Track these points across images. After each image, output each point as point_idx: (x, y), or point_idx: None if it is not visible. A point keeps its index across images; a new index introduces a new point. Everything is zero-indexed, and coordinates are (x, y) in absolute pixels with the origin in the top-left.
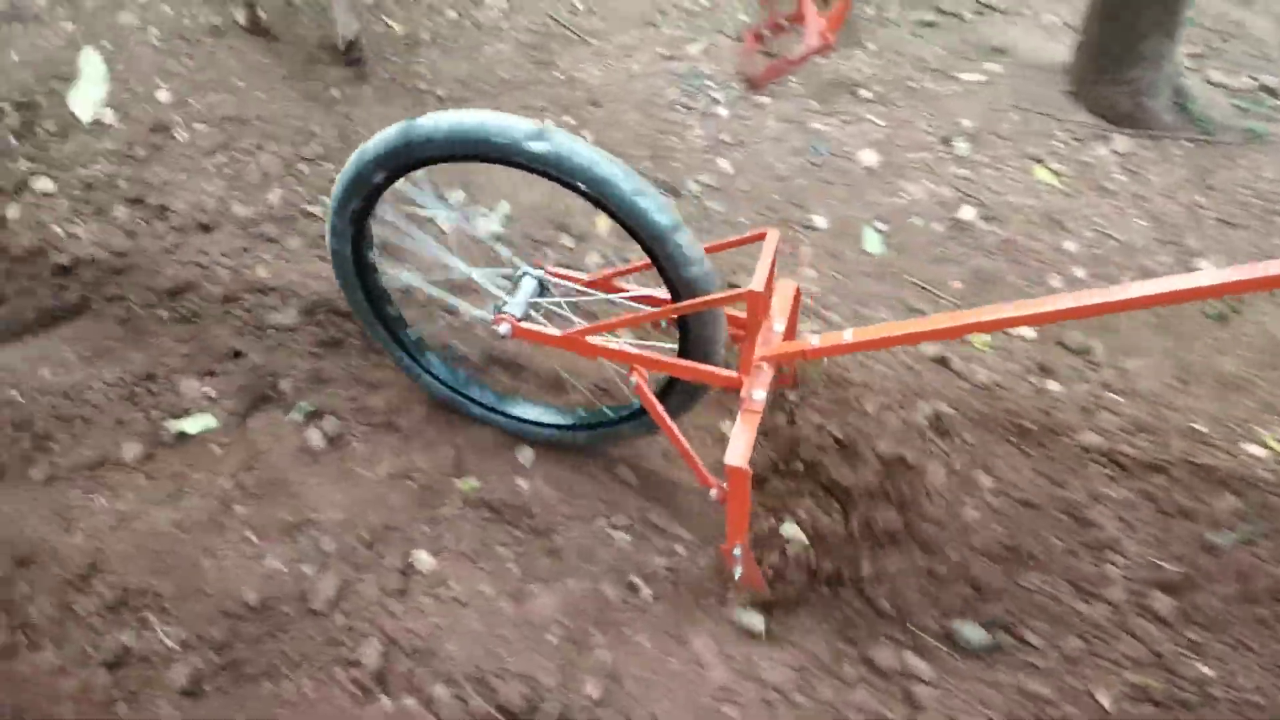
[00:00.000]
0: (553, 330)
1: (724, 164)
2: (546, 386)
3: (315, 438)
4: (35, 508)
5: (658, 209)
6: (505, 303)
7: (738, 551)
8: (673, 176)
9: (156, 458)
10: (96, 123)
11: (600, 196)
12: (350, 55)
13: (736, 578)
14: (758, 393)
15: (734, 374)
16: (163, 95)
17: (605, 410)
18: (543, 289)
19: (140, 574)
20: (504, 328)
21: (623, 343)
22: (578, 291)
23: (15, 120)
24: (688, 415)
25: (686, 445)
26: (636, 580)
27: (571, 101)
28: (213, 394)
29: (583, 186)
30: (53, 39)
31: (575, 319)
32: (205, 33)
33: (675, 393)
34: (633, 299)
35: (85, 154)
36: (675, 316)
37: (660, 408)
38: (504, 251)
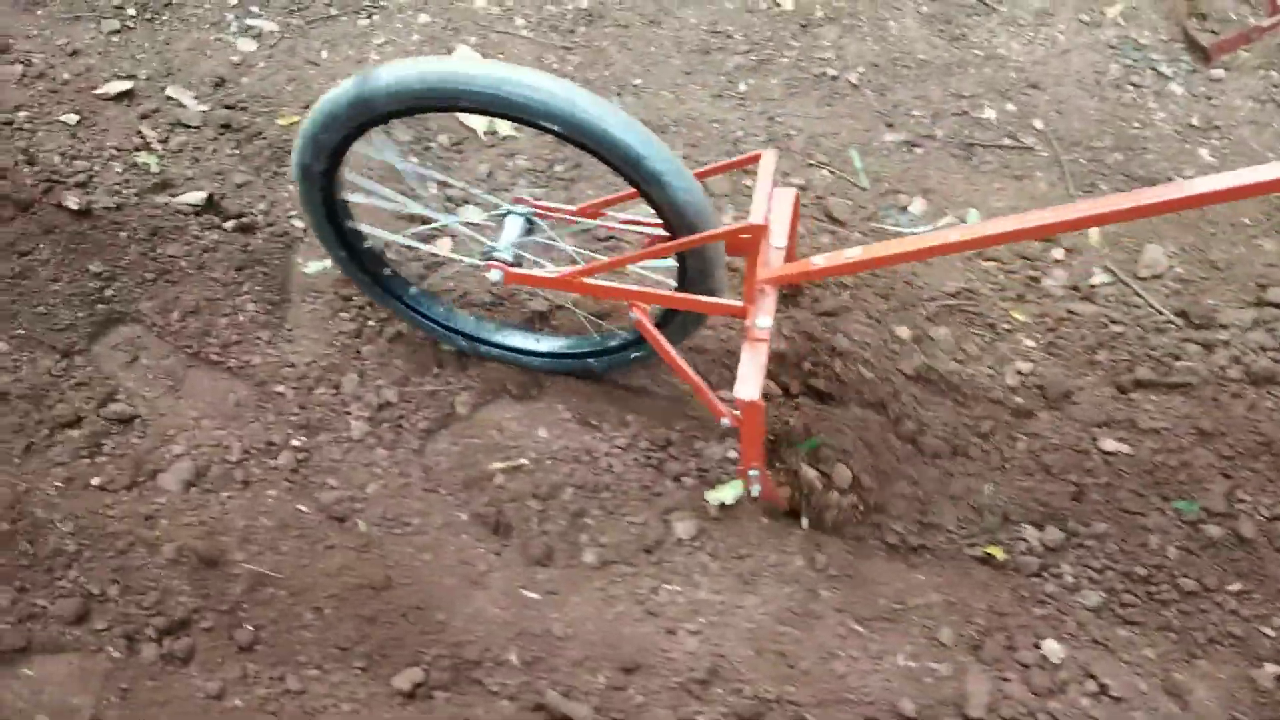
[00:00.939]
0: (548, 273)
1: (1204, 153)
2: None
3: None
4: (611, 603)
5: (640, 141)
6: (493, 248)
7: (754, 472)
8: (1150, 170)
9: (709, 533)
10: (492, 133)
11: (575, 135)
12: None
13: (754, 495)
14: (762, 319)
15: (737, 303)
16: None
17: (614, 336)
18: (530, 226)
19: (767, 679)
20: (495, 274)
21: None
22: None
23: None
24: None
25: (694, 375)
26: None
27: (1005, 85)
28: (733, 455)
29: (556, 128)
30: (411, 34)
31: (571, 251)
32: (580, 19)
33: (677, 320)
34: (627, 225)
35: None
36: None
37: (663, 340)
38: (480, 192)
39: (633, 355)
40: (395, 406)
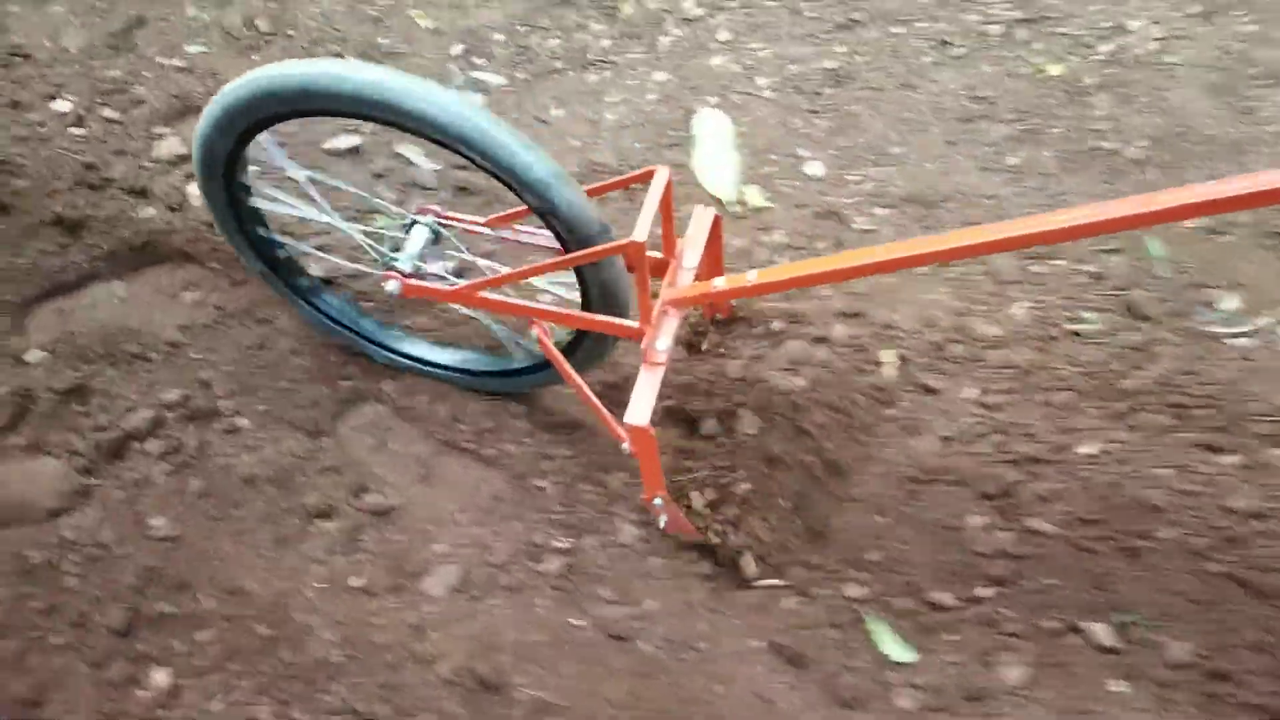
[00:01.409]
0: (445, 285)
1: None
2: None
3: None
4: None
5: (529, 160)
6: (393, 257)
7: (658, 501)
8: None
9: (1042, 681)
10: (741, 202)
11: (458, 147)
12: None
13: (662, 526)
14: (661, 342)
15: (633, 324)
16: (813, 168)
17: (514, 357)
18: (436, 237)
19: None
20: (392, 285)
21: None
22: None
23: None
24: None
25: (593, 398)
26: None
27: None
28: None
29: (439, 138)
30: (646, 93)
31: (479, 264)
32: (826, 80)
33: (586, 343)
34: (528, 240)
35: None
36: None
37: (563, 360)
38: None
39: (539, 377)
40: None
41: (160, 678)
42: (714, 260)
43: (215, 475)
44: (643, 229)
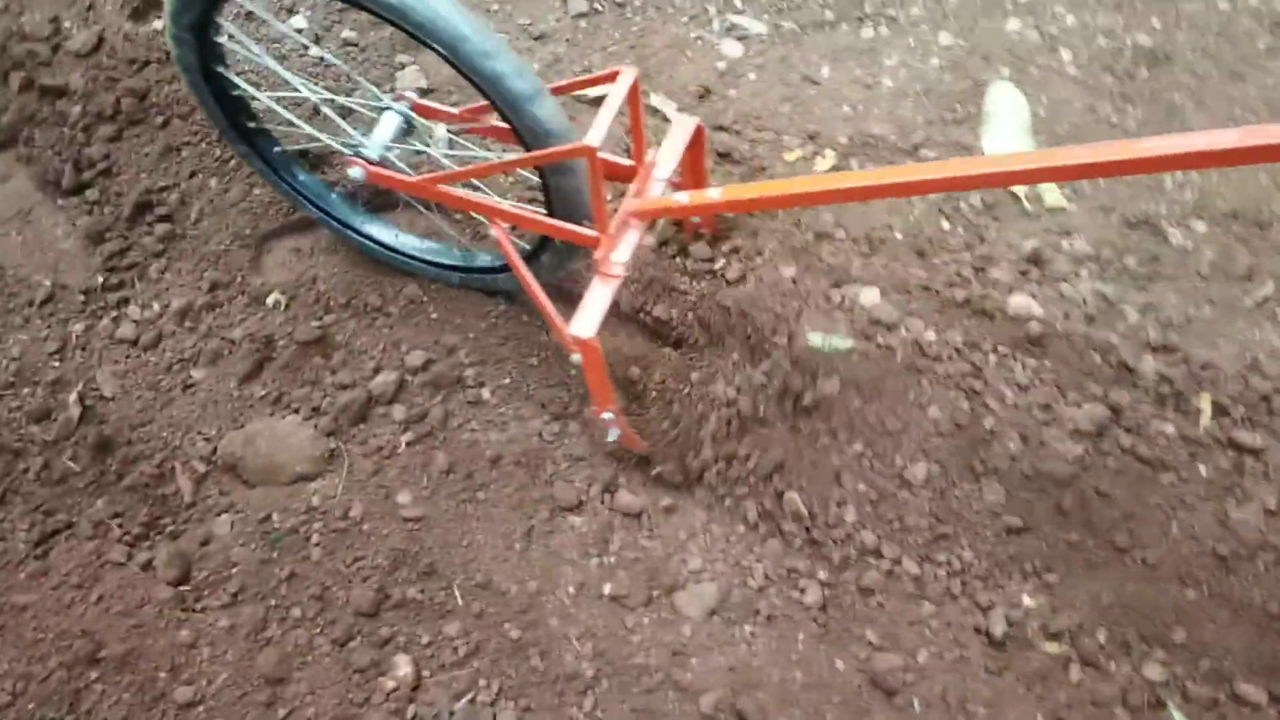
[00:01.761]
0: (408, 175)
1: None
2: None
3: None
4: None
5: (485, 48)
6: (360, 143)
7: (607, 415)
8: None
9: None
10: (1033, 200)
11: (421, 36)
12: None
13: (612, 439)
14: (618, 254)
15: (590, 232)
16: None
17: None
18: (409, 125)
19: None
20: (356, 171)
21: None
22: (446, 128)
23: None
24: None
25: (548, 305)
26: None
27: None
28: None
29: (401, 23)
30: (929, 57)
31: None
32: (1140, 59)
33: (550, 249)
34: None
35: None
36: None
37: (521, 264)
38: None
39: (499, 279)
40: (949, 546)
41: (404, 667)
42: (697, 172)
43: (461, 451)
44: (598, 132)
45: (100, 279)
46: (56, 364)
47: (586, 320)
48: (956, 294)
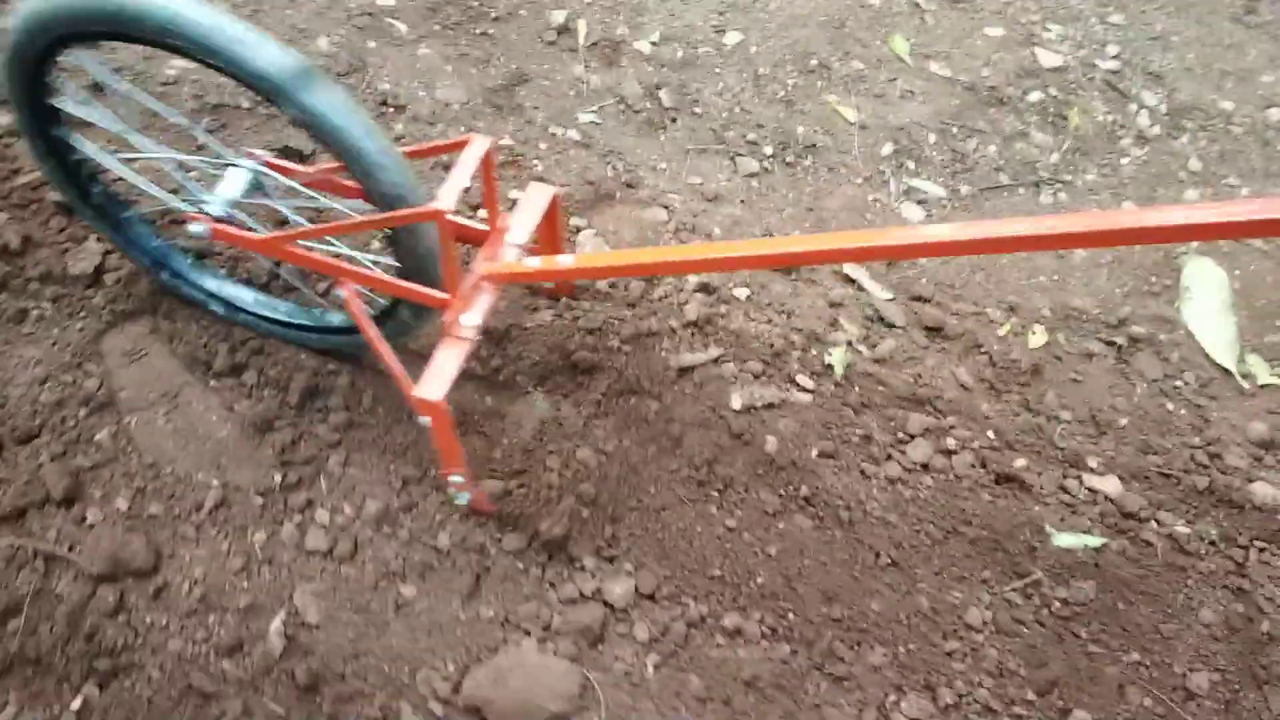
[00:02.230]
0: (256, 233)
1: None
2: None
3: None
4: None
5: (336, 109)
6: (203, 199)
7: (456, 478)
8: None
9: None
10: (1246, 376)
11: (276, 99)
12: None
13: (461, 504)
14: (468, 317)
15: (439, 294)
16: None
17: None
18: (258, 182)
19: None
20: (198, 227)
21: (333, 251)
22: (294, 190)
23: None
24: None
25: (397, 367)
26: None
27: None
28: None
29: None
30: None
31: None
32: None
33: (400, 311)
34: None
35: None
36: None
37: (369, 324)
38: (209, 138)
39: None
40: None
41: None
42: (552, 238)
43: (712, 673)
44: (448, 197)
45: (277, 477)
46: (245, 584)
47: (434, 383)
48: (1198, 481)
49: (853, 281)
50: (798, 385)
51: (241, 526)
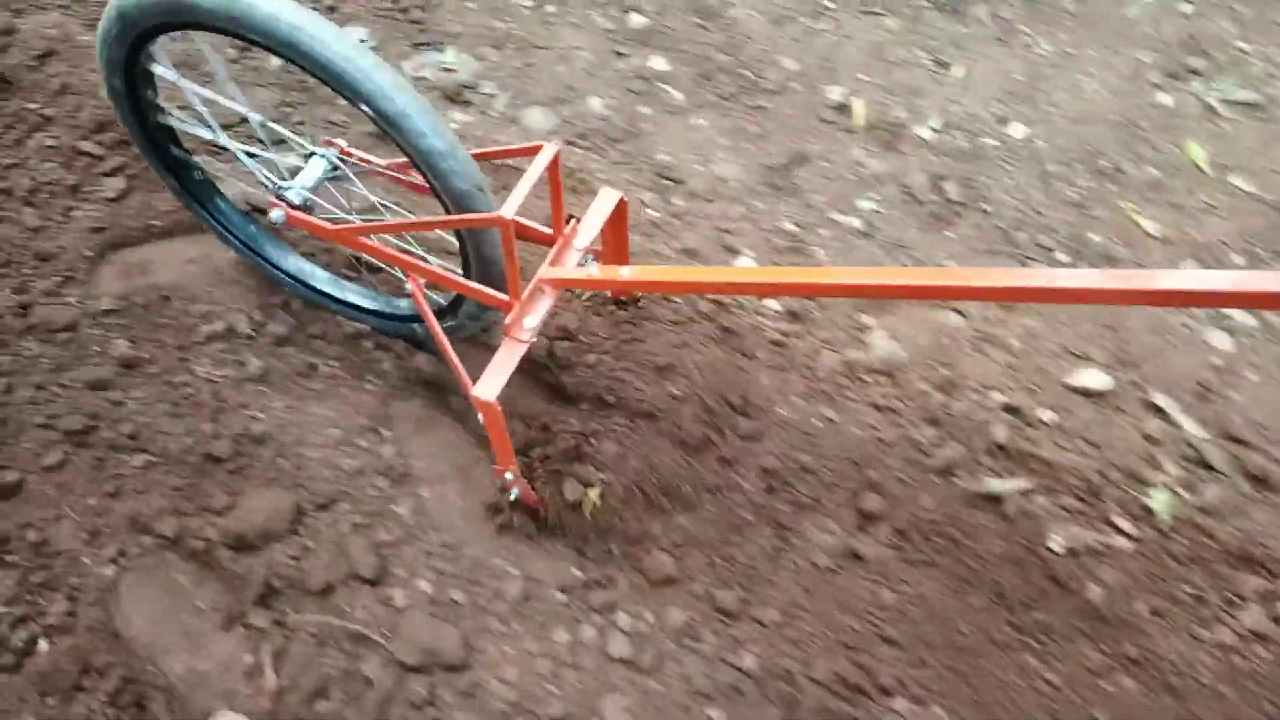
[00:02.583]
0: (328, 223)
1: None
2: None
3: None
4: None
5: (416, 112)
6: (284, 186)
7: (508, 475)
8: None
9: None
10: None
11: (351, 94)
12: None
13: (513, 499)
14: (529, 320)
15: (502, 295)
16: None
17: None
18: (336, 171)
19: None
20: (277, 214)
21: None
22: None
23: None
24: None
25: (456, 362)
26: None
27: None
28: None
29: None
30: None
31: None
32: None
33: (464, 307)
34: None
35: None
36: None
37: (432, 317)
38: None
39: (416, 326)
40: None
41: None
42: (619, 246)
43: None
44: (513, 203)
45: (578, 573)
46: (555, 689)
47: (491, 382)
48: None
49: (1161, 411)
50: (1117, 528)
51: (544, 623)
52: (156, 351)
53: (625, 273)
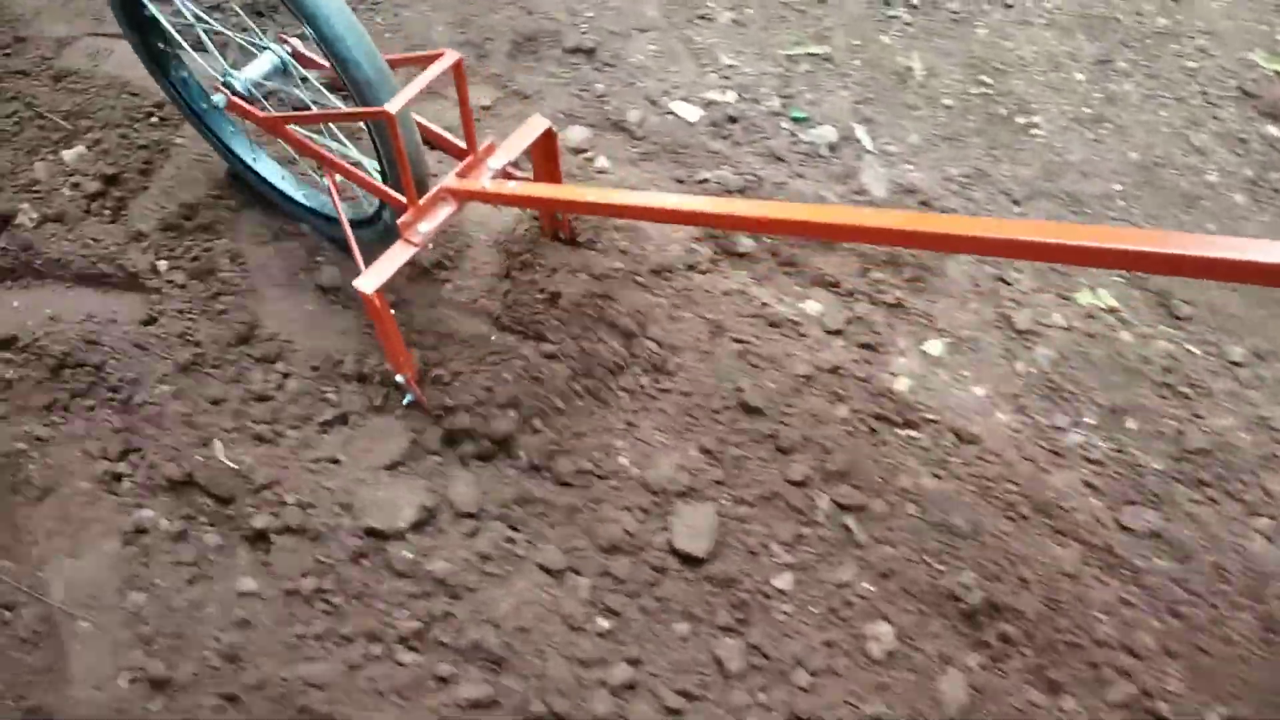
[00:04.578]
0: (261, 111)
1: None
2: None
3: None
4: None
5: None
6: (230, 74)
7: (399, 378)
8: None
9: None
10: None
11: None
12: None
13: (406, 402)
14: (424, 225)
15: (397, 195)
16: None
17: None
18: (285, 69)
19: None
20: (219, 98)
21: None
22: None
23: None
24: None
25: (359, 255)
26: None
27: None
28: None
29: None
30: None
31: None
32: None
33: (385, 213)
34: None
35: None
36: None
37: (343, 213)
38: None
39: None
40: None
41: None
42: (551, 176)
43: None
44: (398, 100)
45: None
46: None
47: (373, 276)
48: None
49: None
50: None
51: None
52: None
53: (512, 186)
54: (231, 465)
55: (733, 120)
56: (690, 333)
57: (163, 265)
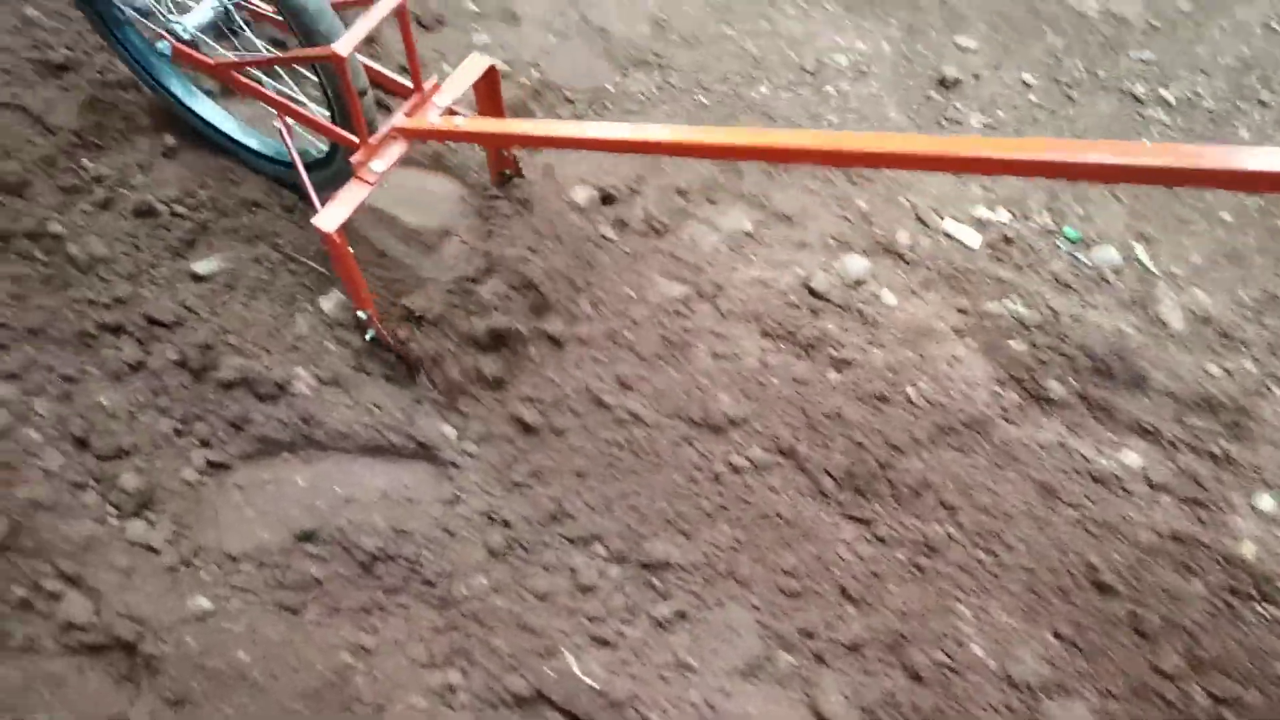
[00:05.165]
0: (209, 58)
1: None
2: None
3: None
4: None
5: None
6: (173, 20)
7: (361, 314)
8: None
9: None
10: None
11: None
12: None
13: (369, 337)
14: (376, 163)
15: (349, 135)
16: None
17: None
18: (229, 16)
19: None
20: (163, 45)
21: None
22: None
23: None
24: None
25: (314, 197)
26: None
27: None
28: None
29: None
30: None
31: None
32: None
33: (338, 155)
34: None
35: None
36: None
37: (297, 156)
38: None
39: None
40: None
41: None
42: (495, 112)
43: None
44: (346, 42)
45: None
46: None
47: (331, 213)
48: None
49: None
50: None
51: None
52: None
53: (459, 121)
54: (588, 681)
55: (1008, 241)
56: (1018, 496)
57: (449, 432)
